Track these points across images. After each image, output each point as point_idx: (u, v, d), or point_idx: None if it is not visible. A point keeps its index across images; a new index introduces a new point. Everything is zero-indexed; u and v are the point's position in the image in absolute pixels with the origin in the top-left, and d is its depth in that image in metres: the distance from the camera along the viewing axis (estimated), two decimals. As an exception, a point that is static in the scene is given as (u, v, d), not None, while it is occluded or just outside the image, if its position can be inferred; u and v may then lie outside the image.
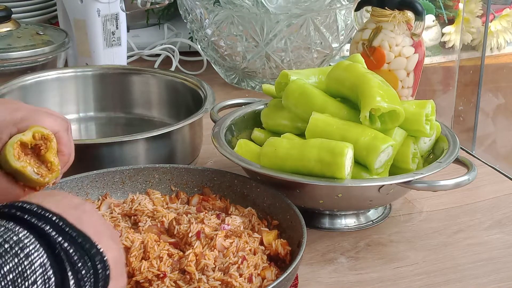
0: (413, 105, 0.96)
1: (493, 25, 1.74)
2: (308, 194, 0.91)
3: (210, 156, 1.13)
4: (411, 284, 0.86)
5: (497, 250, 0.93)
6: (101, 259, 0.57)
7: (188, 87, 1.18)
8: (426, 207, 1.03)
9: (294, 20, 1.31)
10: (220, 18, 1.34)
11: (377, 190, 0.89)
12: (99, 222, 0.60)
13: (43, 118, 0.75)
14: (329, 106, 0.96)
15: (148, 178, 0.94)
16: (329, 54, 1.39)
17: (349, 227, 0.97)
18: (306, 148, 0.89)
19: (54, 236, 0.55)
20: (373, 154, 0.89)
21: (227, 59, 1.41)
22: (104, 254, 0.57)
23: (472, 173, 0.90)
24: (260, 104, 1.09)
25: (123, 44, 1.38)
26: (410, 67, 1.13)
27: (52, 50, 1.33)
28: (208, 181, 0.94)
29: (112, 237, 0.60)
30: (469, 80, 1.49)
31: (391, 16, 1.11)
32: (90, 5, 1.32)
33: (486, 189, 1.08)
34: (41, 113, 0.76)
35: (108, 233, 0.60)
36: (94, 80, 1.23)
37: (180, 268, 0.76)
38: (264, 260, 0.79)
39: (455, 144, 0.97)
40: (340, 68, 0.98)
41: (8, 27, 1.35)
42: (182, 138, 1.05)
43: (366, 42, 1.13)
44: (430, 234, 0.96)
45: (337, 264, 0.89)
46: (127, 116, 1.24)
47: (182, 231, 0.80)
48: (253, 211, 0.88)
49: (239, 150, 0.97)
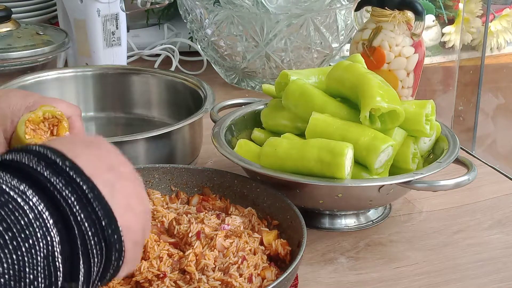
0: (413, 105, 0.96)
1: (493, 25, 1.74)
2: (308, 194, 0.91)
3: (210, 156, 1.13)
4: (411, 284, 0.86)
5: (497, 250, 0.93)
6: (119, 249, 0.52)
7: (188, 87, 1.18)
8: (426, 207, 1.03)
9: (294, 20, 1.31)
10: (220, 18, 1.34)
11: (377, 190, 0.89)
12: (132, 191, 0.54)
13: (56, 103, 0.75)
14: (329, 106, 0.96)
15: (148, 178, 0.94)
16: (329, 54, 1.39)
17: (349, 227, 0.97)
18: (306, 148, 0.89)
19: (77, 212, 0.49)
20: (373, 154, 0.89)
21: (227, 59, 1.41)
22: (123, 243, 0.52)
23: (472, 173, 0.90)
24: (260, 104, 1.09)
25: (123, 44, 1.38)
26: (410, 67, 1.13)
27: (52, 50, 1.33)
28: (208, 181, 0.94)
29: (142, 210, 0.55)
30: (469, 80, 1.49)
31: (391, 16, 1.11)
32: (90, 5, 1.32)
33: (486, 189, 1.08)
34: (53, 99, 0.76)
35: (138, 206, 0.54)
36: (94, 80, 1.23)
37: (180, 268, 0.76)
38: (264, 260, 0.79)
39: (455, 144, 0.97)
40: (340, 68, 0.98)
41: (8, 27, 1.35)
42: (182, 138, 1.05)
43: (366, 42, 1.13)
44: (430, 234, 0.96)
45: (337, 264, 0.89)
46: (127, 116, 1.24)
47: (182, 231, 0.80)
48: (253, 211, 0.88)
49: (239, 150, 0.97)
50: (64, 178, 0.50)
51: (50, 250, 0.48)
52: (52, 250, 0.48)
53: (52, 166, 0.50)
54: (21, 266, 0.46)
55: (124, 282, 0.75)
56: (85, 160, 0.52)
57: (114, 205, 0.52)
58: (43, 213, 0.48)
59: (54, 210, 0.49)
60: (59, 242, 0.48)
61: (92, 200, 0.50)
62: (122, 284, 0.75)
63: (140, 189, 0.56)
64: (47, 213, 0.48)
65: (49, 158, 0.51)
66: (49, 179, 0.49)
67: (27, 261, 0.46)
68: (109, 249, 0.51)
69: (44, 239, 0.47)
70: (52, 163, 0.51)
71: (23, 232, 0.46)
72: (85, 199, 0.50)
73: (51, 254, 0.48)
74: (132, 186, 0.55)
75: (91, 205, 0.50)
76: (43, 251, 0.47)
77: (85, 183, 0.51)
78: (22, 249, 0.46)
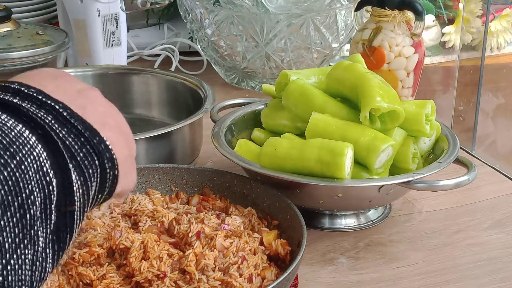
0: (413, 105, 0.96)
1: (493, 25, 1.74)
2: (308, 194, 0.91)
3: (210, 156, 1.13)
4: (411, 284, 0.86)
5: (497, 250, 0.93)
6: (110, 157, 0.51)
7: (188, 87, 1.18)
8: (426, 207, 1.03)
9: (294, 20, 1.31)
10: (220, 18, 1.34)
11: (377, 190, 0.89)
12: (105, 112, 0.54)
13: None
14: (329, 106, 0.96)
15: (148, 178, 0.94)
16: (329, 54, 1.39)
17: (349, 227, 0.97)
18: (306, 148, 0.89)
19: (57, 129, 0.49)
20: (373, 154, 0.89)
21: (227, 59, 1.41)
22: (112, 151, 0.51)
23: (472, 173, 0.90)
24: (260, 104, 1.09)
25: (123, 44, 1.38)
26: (410, 67, 1.13)
27: (52, 50, 1.33)
28: (208, 181, 0.94)
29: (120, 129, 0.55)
30: (469, 80, 1.49)
31: (391, 16, 1.11)
32: (90, 5, 1.32)
33: (486, 189, 1.08)
34: None
35: (115, 125, 0.54)
36: (94, 80, 1.23)
37: (180, 268, 0.76)
38: (264, 260, 0.79)
39: (455, 144, 0.97)
40: (340, 68, 0.98)
41: (8, 27, 1.35)
42: (182, 138, 1.05)
43: (366, 42, 1.13)
44: (430, 234, 0.96)
45: (337, 264, 0.89)
46: (127, 116, 1.21)
47: (182, 231, 0.80)
48: (253, 211, 0.88)
49: (239, 150, 0.97)
50: (35, 102, 0.49)
51: (39, 164, 0.47)
52: (41, 164, 0.47)
53: (19, 94, 0.49)
54: (14, 181, 0.45)
55: (124, 282, 0.75)
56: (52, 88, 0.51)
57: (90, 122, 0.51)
58: (23, 132, 0.47)
59: (33, 130, 0.48)
60: (46, 157, 0.48)
61: (68, 117, 0.50)
62: (122, 284, 0.75)
63: (112, 110, 0.56)
64: (28, 132, 0.47)
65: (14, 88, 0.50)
66: (20, 104, 0.49)
67: (19, 176, 0.45)
68: (100, 157, 0.51)
69: (31, 155, 0.47)
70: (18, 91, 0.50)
71: (7, 150, 0.46)
72: (61, 117, 0.49)
73: (40, 168, 0.47)
74: (103, 108, 0.54)
75: (68, 122, 0.50)
76: (33, 166, 0.47)
77: (56, 104, 0.50)
78: (11, 165, 0.45)
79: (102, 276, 0.75)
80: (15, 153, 0.46)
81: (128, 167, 0.54)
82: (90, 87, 0.56)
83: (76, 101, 0.52)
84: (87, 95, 0.54)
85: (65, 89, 0.52)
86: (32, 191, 0.46)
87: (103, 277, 0.75)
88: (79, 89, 0.54)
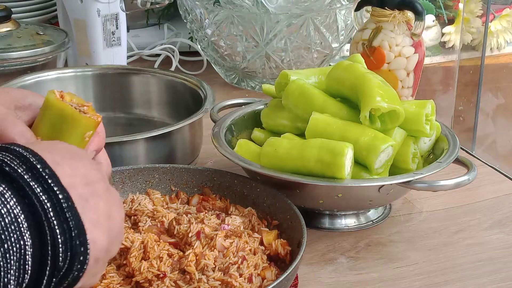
0: (413, 105, 0.96)
1: (493, 25, 1.74)
2: (308, 194, 0.91)
3: (210, 156, 1.13)
4: (411, 284, 0.86)
5: (497, 250, 0.93)
6: (83, 261, 0.53)
7: (188, 87, 1.18)
8: (426, 207, 1.03)
9: (294, 20, 1.31)
10: (220, 18, 1.34)
11: (377, 190, 0.89)
12: (104, 208, 0.55)
13: None
14: (329, 106, 0.96)
15: (148, 178, 0.94)
16: (329, 54, 1.39)
17: (349, 227, 0.97)
18: (306, 148, 0.89)
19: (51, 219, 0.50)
20: (373, 154, 0.89)
21: (227, 59, 1.41)
22: (88, 256, 0.53)
23: (472, 173, 0.90)
24: (260, 104, 1.09)
25: (123, 44, 1.38)
26: (410, 67, 1.13)
27: (52, 50, 1.33)
28: (208, 181, 0.94)
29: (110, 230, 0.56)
30: (469, 80, 1.49)
31: (391, 16, 1.11)
32: (90, 5, 1.32)
33: (486, 189, 1.08)
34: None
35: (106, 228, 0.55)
36: (94, 80, 1.23)
37: (180, 268, 0.76)
38: (264, 260, 0.79)
39: (455, 144, 0.97)
40: (340, 68, 0.98)
41: (8, 27, 1.35)
42: (182, 138, 1.05)
43: (366, 42, 1.13)
44: (430, 234, 0.96)
45: (337, 264, 0.89)
46: (127, 116, 1.24)
47: (182, 231, 0.80)
48: (253, 211, 0.88)
49: (239, 150, 0.97)
50: (43, 185, 0.51)
51: (23, 253, 0.49)
52: (24, 253, 0.49)
53: (33, 171, 0.51)
54: None
55: (124, 282, 0.75)
56: (64, 170, 0.53)
57: (85, 219, 0.53)
58: (19, 217, 0.49)
59: (29, 214, 0.50)
60: (31, 245, 0.50)
61: (66, 210, 0.51)
62: (122, 285, 0.75)
63: (112, 208, 0.57)
64: (23, 217, 0.49)
65: (30, 162, 0.52)
66: (29, 183, 0.51)
67: (2, 265, 0.48)
68: (73, 259, 0.52)
69: (18, 243, 0.49)
70: (33, 167, 0.52)
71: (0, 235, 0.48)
72: (59, 207, 0.51)
73: (22, 257, 0.49)
74: (104, 204, 0.56)
75: (64, 214, 0.51)
76: (16, 255, 0.49)
77: (61, 193, 0.52)
78: None
79: (102, 276, 0.75)
80: (5, 240, 0.48)
81: (95, 268, 0.55)
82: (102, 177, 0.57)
83: (81, 190, 0.53)
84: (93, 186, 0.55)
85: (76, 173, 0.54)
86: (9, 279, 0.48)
87: (103, 277, 0.75)
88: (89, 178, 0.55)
